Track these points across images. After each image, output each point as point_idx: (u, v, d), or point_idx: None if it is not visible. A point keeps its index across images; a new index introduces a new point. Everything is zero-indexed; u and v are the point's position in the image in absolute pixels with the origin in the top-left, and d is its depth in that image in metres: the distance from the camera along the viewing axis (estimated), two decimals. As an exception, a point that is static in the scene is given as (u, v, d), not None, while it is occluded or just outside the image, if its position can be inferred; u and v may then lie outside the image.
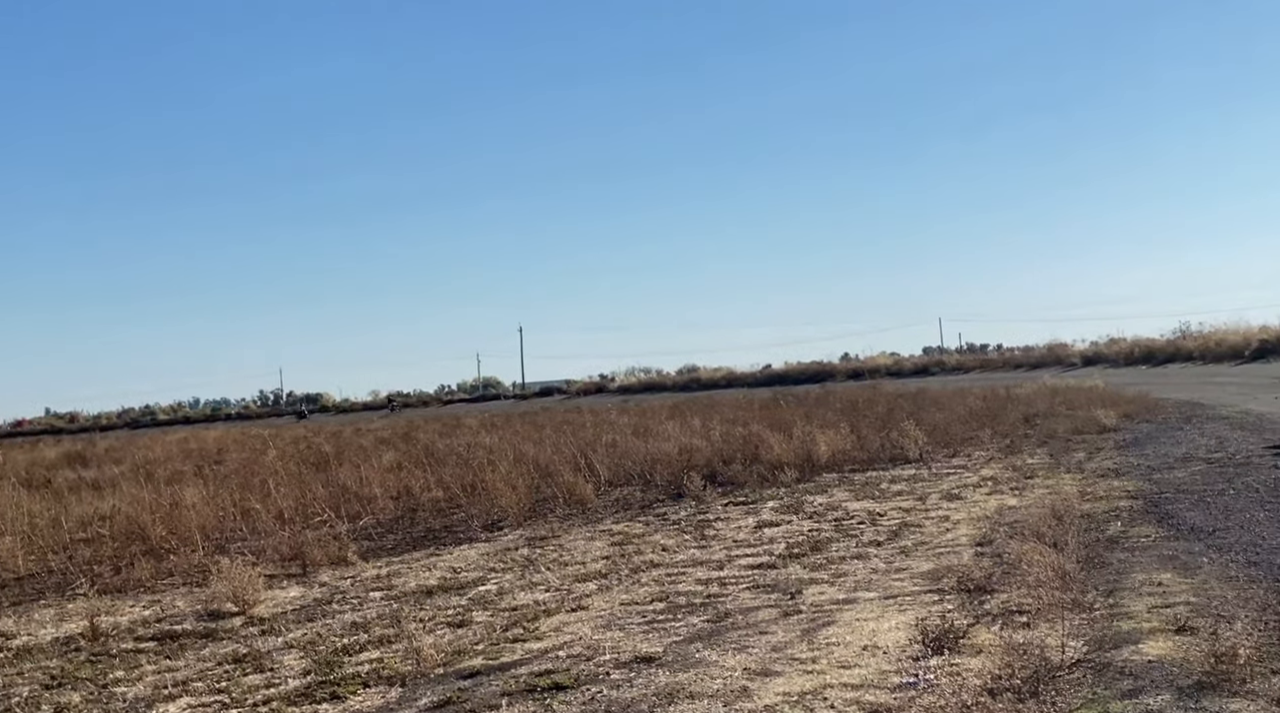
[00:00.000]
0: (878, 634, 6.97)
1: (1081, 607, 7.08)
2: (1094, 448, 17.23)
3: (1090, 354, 54.53)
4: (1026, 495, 12.54)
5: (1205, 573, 7.89)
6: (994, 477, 14.55)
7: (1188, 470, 13.68)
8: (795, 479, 15.57)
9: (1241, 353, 41.61)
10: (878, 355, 72.33)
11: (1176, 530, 9.72)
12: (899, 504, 12.83)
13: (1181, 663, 5.72)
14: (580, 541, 12.15)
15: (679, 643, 7.19)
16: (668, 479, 16.03)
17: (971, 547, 9.80)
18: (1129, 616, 6.83)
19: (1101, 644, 6.20)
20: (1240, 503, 10.91)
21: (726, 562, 10.15)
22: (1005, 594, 7.69)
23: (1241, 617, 6.40)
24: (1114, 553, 8.88)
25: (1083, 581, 7.78)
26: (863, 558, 9.74)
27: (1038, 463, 15.80)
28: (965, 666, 6.05)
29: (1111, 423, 20.49)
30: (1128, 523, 10.28)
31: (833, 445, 17.79)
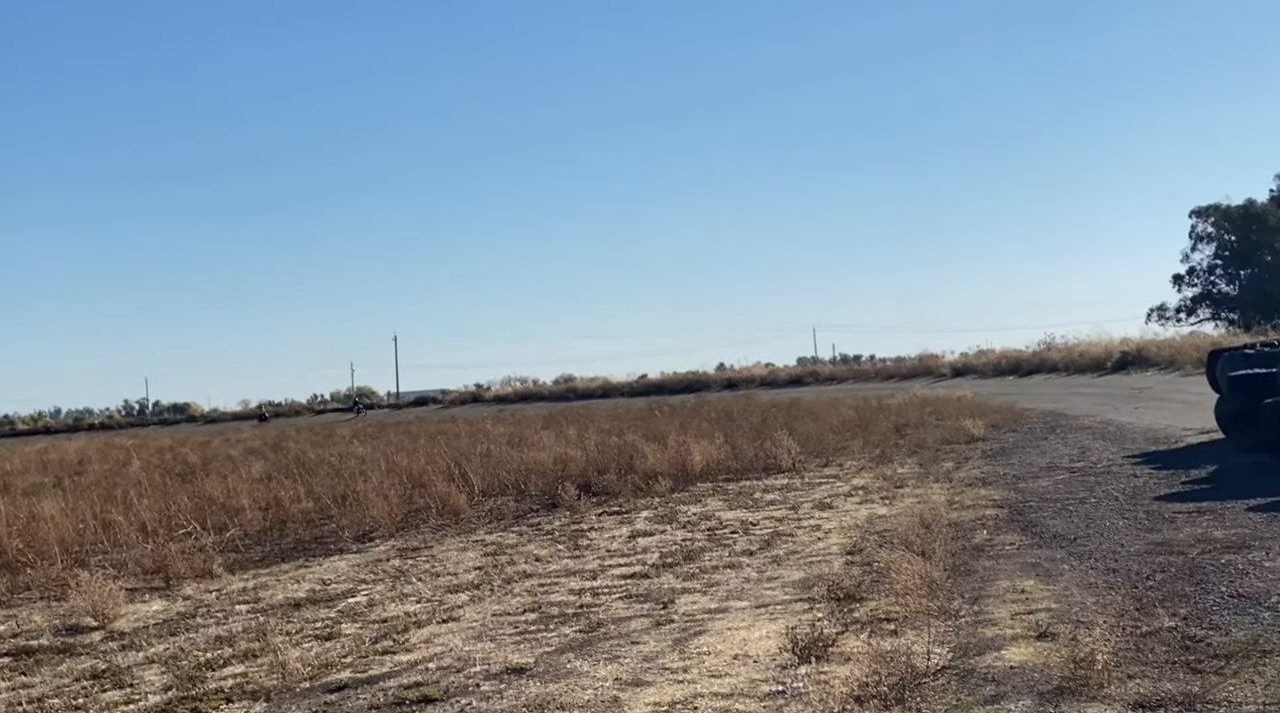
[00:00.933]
0: (749, 643, 7.01)
1: (948, 614, 7.19)
2: (962, 457, 17.54)
3: (960, 365, 55.39)
4: (896, 505, 12.70)
5: (1066, 580, 8.06)
6: (865, 486, 14.73)
7: (1051, 479, 13.97)
8: (670, 489, 15.63)
9: (1103, 364, 42.56)
10: (753, 366, 72.77)
11: (1040, 538, 9.92)
12: (772, 513, 12.93)
13: (1042, 669, 5.84)
14: (453, 551, 12.05)
15: (551, 653, 7.16)
16: (542, 489, 15.98)
17: (842, 556, 9.90)
18: (993, 622, 6.95)
19: (966, 651, 6.31)
20: (1100, 511, 11.17)
21: (600, 572, 10.15)
22: (874, 602, 7.78)
23: (1100, 623, 6.54)
24: (980, 561, 9.03)
25: (949, 588, 7.91)
26: (735, 567, 9.79)
27: (908, 472, 16.03)
28: (834, 673, 6.11)
29: (979, 433, 20.88)
30: (993, 531, 10.46)
31: (707, 455, 17.87)
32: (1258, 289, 64.93)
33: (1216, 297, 69.46)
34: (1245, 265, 68.10)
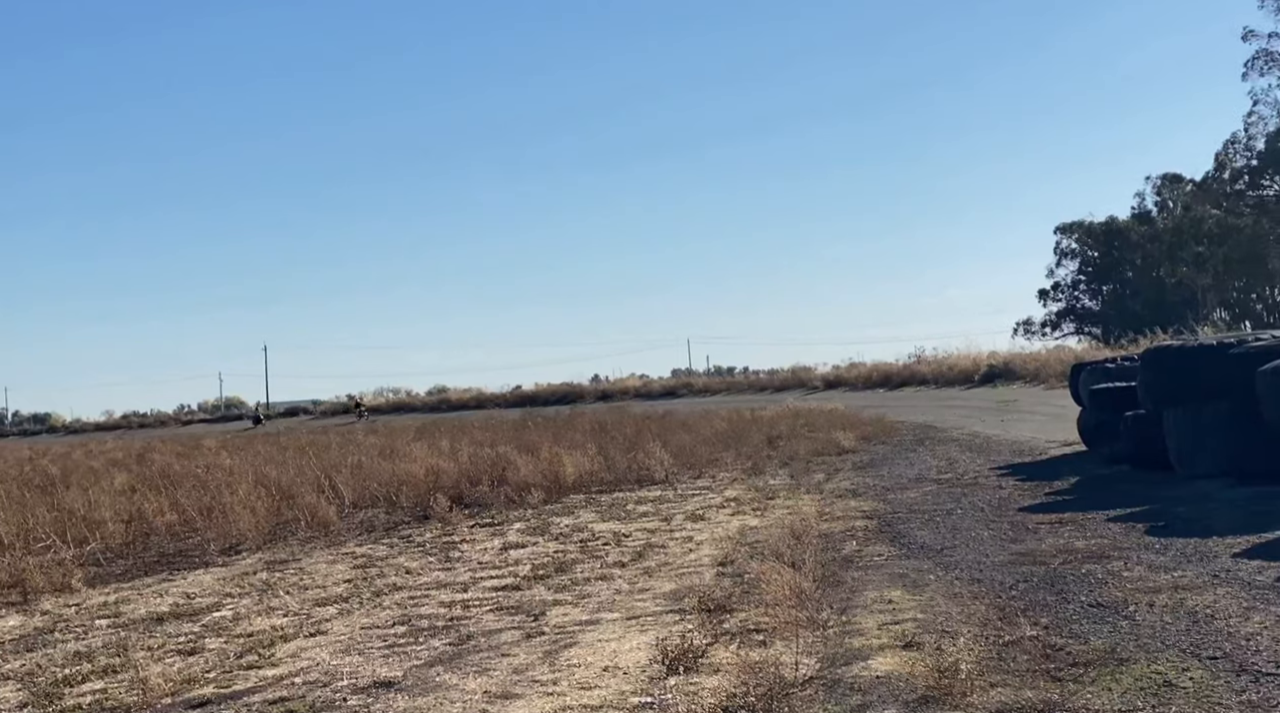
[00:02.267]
0: (619, 655, 6.99)
1: (816, 624, 7.23)
2: (833, 469, 17.73)
3: (832, 378, 56.08)
4: (768, 516, 12.78)
5: (933, 590, 8.17)
6: (737, 498, 14.81)
7: (920, 491, 14.18)
8: (542, 501, 15.57)
9: (971, 377, 43.42)
10: (627, 377, 73.05)
11: (908, 549, 10.04)
12: (644, 525, 12.94)
13: (907, 678, 5.89)
14: (322, 564, 11.87)
15: (420, 667, 7.08)
16: (414, 501, 15.82)
17: (713, 567, 9.93)
18: (860, 633, 7.01)
19: (834, 661, 6.35)
20: (967, 522, 11.35)
21: (471, 584, 10.06)
22: (744, 613, 7.81)
23: (964, 632, 6.63)
24: (849, 572, 9.11)
25: (818, 599, 7.96)
26: (607, 579, 9.77)
27: (779, 484, 16.16)
28: (702, 685, 6.11)
29: (850, 445, 21.15)
30: (863, 542, 10.57)
31: (580, 467, 17.85)
32: (1119, 304, 66.73)
33: (1080, 311, 71.22)
34: (1107, 281, 69.95)
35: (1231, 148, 57.13)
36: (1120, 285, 69.05)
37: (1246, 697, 5.19)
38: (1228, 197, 58.47)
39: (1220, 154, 59.32)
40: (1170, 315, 52.37)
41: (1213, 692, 5.29)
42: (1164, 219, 68.54)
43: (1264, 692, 5.23)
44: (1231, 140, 56.95)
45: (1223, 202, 59.41)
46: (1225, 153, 58.41)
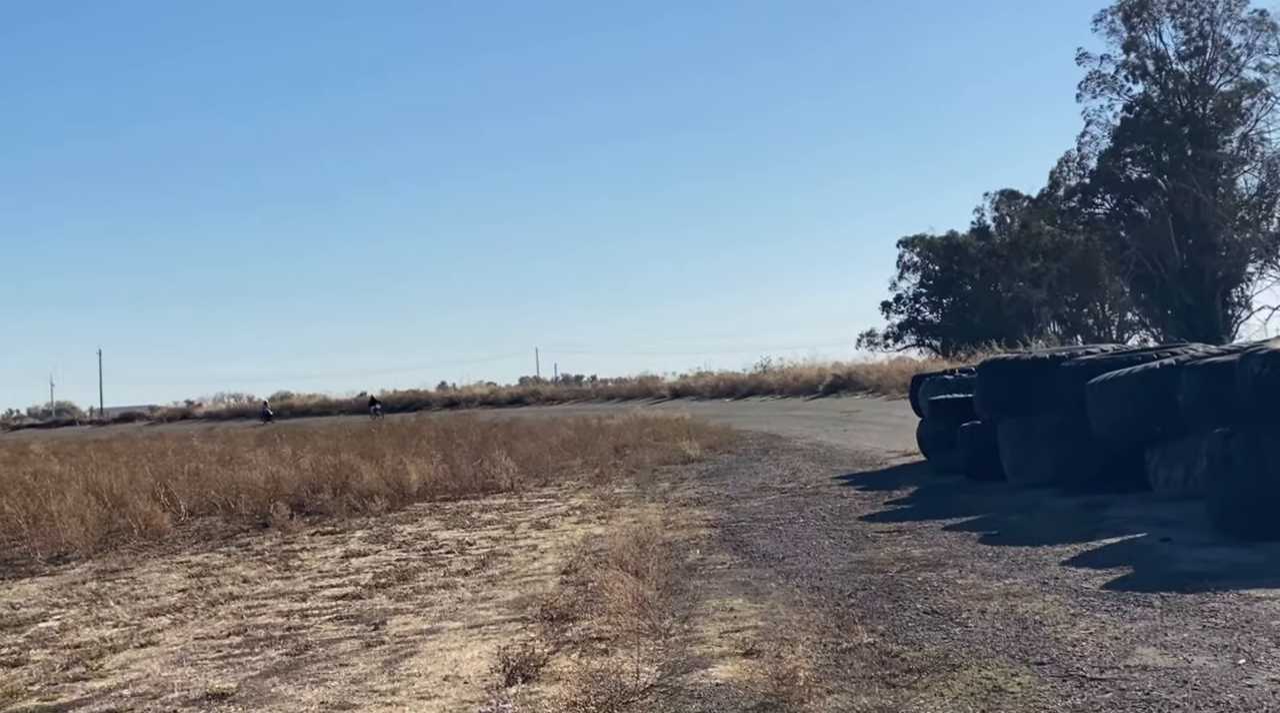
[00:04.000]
0: (460, 664, 6.93)
1: (659, 633, 7.26)
2: (678, 478, 17.83)
3: (679, 387, 56.38)
4: (613, 524, 12.80)
5: (773, 598, 8.25)
6: (583, 506, 14.81)
7: (763, 500, 14.33)
8: (386, 508, 15.40)
9: (816, 387, 44.00)
10: (475, 385, 72.48)
11: (750, 558, 10.14)
12: (489, 533, 12.86)
13: (747, 686, 5.95)
14: (155, 573, 11.57)
15: (255, 678, 6.94)
16: (253, 509, 15.49)
17: (557, 575, 9.91)
18: (702, 640, 7.05)
19: (675, 669, 6.37)
20: (808, 531, 11.50)
21: (310, 593, 9.89)
22: (587, 622, 7.80)
23: (803, 640, 6.71)
24: (692, 580, 9.16)
25: (661, 607, 7.99)
26: (450, 587, 9.69)
27: (625, 492, 16.20)
28: (543, 693, 6.09)
29: (696, 454, 21.30)
30: (706, 550, 10.64)
31: (425, 474, 17.68)
32: (958, 317, 68.29)
33: (921, 324, 72.71)
34: (948, 294, 71.50)
35: (1066, 166, 58.91)
36: (960, 298, 70.65)
37: (1071, 701, 5.33)
38: (1062, 214, 60.21)
39: (1055, 172, 61.15)
40: (1007, 329, 53.76)
41: (1039, 697, 5.43)
42: (1002, 235, 70.36)
43: (1088, 696, 5.38)
44: (1066, 159, 58.76)
45: (1057, 218, 61.16)
46: (1060, 171, 60.21)
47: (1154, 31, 50.57)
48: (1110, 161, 52.47)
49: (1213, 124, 49.30)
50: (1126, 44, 50.91)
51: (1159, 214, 48.68)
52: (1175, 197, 47.64)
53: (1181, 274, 47.75)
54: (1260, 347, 9.97)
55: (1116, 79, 51.70)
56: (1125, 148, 51.57)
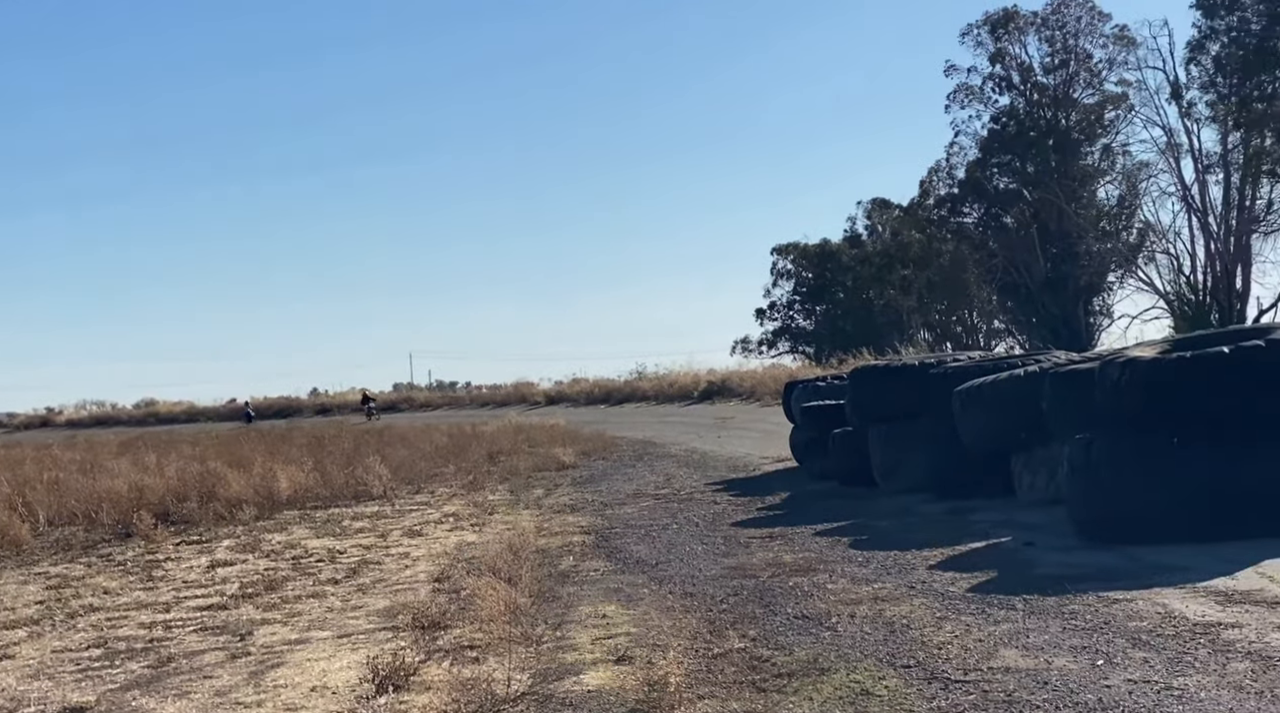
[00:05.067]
0: (328, 674, 6.84)
1: (531, 640, 7.23)
2: (553, 484, 17.81)
3: (554, 393, 56.27)
4: (486, 531, 12.74)
5: (646, 604, 8.27)
6: (456, 513, 14.72)
7: (637, 506, 14.36)
8: (254, 517, 15.15)
9: (691, 394, 44.23)
10: (348, 391, 71.66)
11: (624, 564, 10.15)
12: (360, 541, 12.73)
13: (618, 692, 5.95)
14: (11, 585, 11.26)
15: (115, 691, 6.78)
16: (116, 518, 15.13)
17: (429, 583, 9.83)
18: (574, 647, 7.04)
19: (546, 676, 6.35)
20: (682, 537, 11.55)
21: (174, 604, 9.70)
22: (459, 630, 7.75)
23: (675, 645, 6.73)
24: (565, 587, 9.14)
25: (534, 614, 7.97)
26: (319, 597, 9.56)
27: (499, 499, 16.14)
28: (413, 703, 6.03)
29: (570, 460, 21.29)
30: (579, 557, 10.63)
31: (295, 482, 17.44)
32: (831, 324, 69.16)
33: (795, 330, 73.51)
34: (820, 301, 72.37)
35: (935, 176, 59.95)
36: (832, 306, 71.53)
37: (936, 703, 5.41)
38: (932, 222, 61.25)
39: (925, 181, 62.18)
40: (879, 336, 54.55)
41: (905, 699, 5.50)
42: (873, 243, 71.42)
43: (952, 698, 5.47)
44: (935, 168, 59.78)
45: (927, 227, 62.22)
46: (930, 180, 61.24)
47: (1019, 44, 51.75)
48: (978, 172, 53.53)
49: (1076, 136, 50.53)
50: (993, 56, 52.02)
51: (1024, 224, 49.76)
52: (1040, 207, 48.75)
53: (1046, 283, 48.87)
54: (1119, 354, 10.24)
55: (983, 90, 52.83)
56: (992, 158, 52.65)
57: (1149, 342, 12.23)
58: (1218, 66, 36.30)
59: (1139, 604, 7.05)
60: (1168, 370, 9.27)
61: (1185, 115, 42.12)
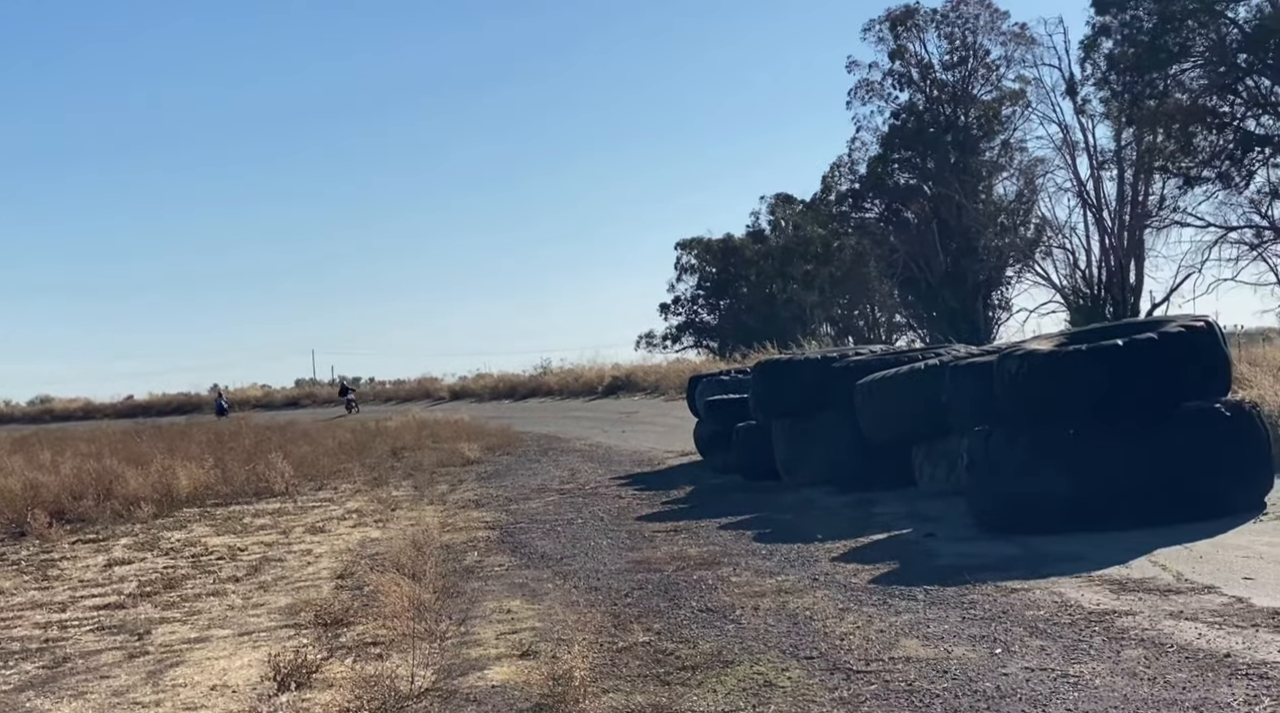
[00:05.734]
0: (228, 673, 6.76)
1: (435, 636, 7.20)
2: (457, 480, 17.73)
3: (458, 388, 55.96)
4: (390, 528, 12.65)
5: (551, 599, 8.26)
6: (359, 509, 14.60)
7: (542, 501, 14.35)
8: (153, 515, 14.91)
9: (596, 389, 44.21)
10: (249, 387, 70.72)
11: (528, 559, 10.13)
12: (261, 539, 12.58)
13: (523, 687, 5.94)
14: (-98, 586, 10.98)
15: (8, 693, 6.64)
16: (10, 518, 14.81)
17: (332, 580, 9.75)
18: (478, 643, 7.02)
19: (450, 672, 6.33)
20: (587, 531, 11.55)
21: (70, 603, 9.52)
22: (362, 627, 7.69)
23: (580, 640, 6.74)
24: (469, 582, 9.11)
25: (438, 610, 7.93)
26: (219, 595, 9.44)
27: (403, 495, 16.03)
28: (315, 700, 5.98)
29: (475, 456, 21.20)
30: (484, 553, 10.60)
31: (195, 479, 17.19)
32: (735, 319, 69.49)
33: (699, 325, 73.73)
34: (724, 296, 72.69)
35: (838, 171, 60.42)
36: (736, 300, 71.85)
37: (839, 694, 5.47)
38: (834, 218, 61.77)
39: (828, 176, 62.67)
40: (782, 330, 54.87)
41: (808, 690, 5.56)
42: (776, 238, 71.87)
43: (854, 688, 5.53)
44: (838, 164, 60.22)
45: (829, 222, 62.73)
46: (832, 175, 61.72)
47: (919, 41, 52.32)
48: (879, 167, 54.08)
49: (975, 132, 51.23)
50: (893, 53, 52.56)
51: (925, 219, 50.36)
52: (940, 202, 49.35)
53: (946, 277, 49.51)
54: (1017, 347, 10.41)
55: (884, 87, 53.36)
56: (893, 154, 53.21)
57: (1046, 335, 12.43)
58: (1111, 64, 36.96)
59: (1036, 593, 7.18)
60: (1064, 363, 9.45)
61: (1080, 112, 42.90)
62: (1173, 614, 6.46)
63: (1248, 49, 31.99)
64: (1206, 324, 9.76)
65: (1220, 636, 5.96)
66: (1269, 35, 31.20)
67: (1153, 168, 37.50)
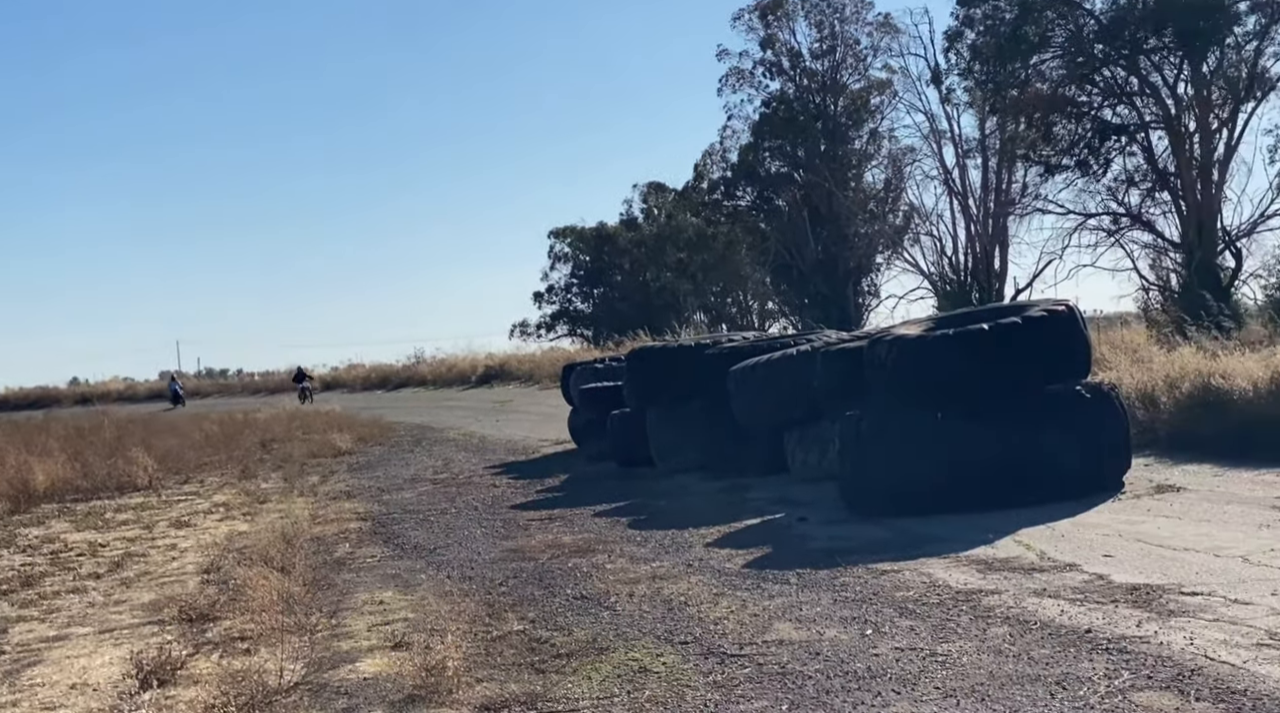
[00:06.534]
0: (89, 672, 6.56)
1: (305, 629, 7.06)
2: (328, 471, 17.50)
3: (330, 379, 55.37)
4: (259, 521, 12.42)
5: (424, 589, 8.17)
6: (227, 503, 14.32)
7: (415, 491, 14.20)
8: (9, 511, 14.48)
9: (470, 378, 44.00)
10: (110, 380, 69.15)
11: (401, 550, 10.02)
12: (124, 534, 12.27)
13: (395, 679, 5.85)
14: None
15: None
16: None
17: (198, 575, 9.53)
18: (350, 635, 6.91)
19: (321, 666, 6.22)
20: (460, 521, 11.46)
21: (-78, 604, 9.19)
22: (229, 622, 7.52)
23: (453, 629, 6.65)
24: (341, 574, 8.98)
25: (308, 603, 7.79)
26: (80, 592, 9.17)
27: (272, 488, 15.77)
28: (180, 698, 5.82)
29: (347, 447, 20.96)
30: (356, 544, 10.46)
31: (53, 475, 16.71)
32: (609, 307, 69.46)
33: (573, 313, 73.59)
34: (598, 284, 72.62)
35: (709, 159, 60.58)
36: (610, 289, 71.81)
37: (713, 678, 5.47)
38: (706, 206, 61.96)
39: (700, 165, 62.82)
40: (656, 318, 55.02)
41: (683, 675, 5.55)
42: (649, 226, 71.95)
43: (728, 672, 5.53)
44: (709, 152, 60.32)
45: (702, 210, 62.93)
46: (704, 164, 61.86)
47: (789, 30, 52.66)
48: (750, 155, 54.31)
49: (844, 121, 51.76)
50: (763, 41, 52.79)
51: (796, 207, 50.72)
52: (810, 190, 49.76)
53: (817, 265, 49.98)
54: (887, 333, 10.53)
55: (755, 75, 53.57)
56: (764, 142, 53.44)
57: (914, 320, 12.61)
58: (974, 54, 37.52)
59: (906, 575, 7.27)
60: (932, 348, 9.58)
61: (945, 101, 43.50)
62: (1036, 592, 6.57)
63: (1103, 40, 32.73)
64: (1068, 308, 9.96)
65: (1082, 612, 6.08)
66: (1123, 27, 31.95)
67: (1015, 156, 38.19)
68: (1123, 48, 32.25)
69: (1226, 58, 31.58)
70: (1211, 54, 31.40)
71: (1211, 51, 31.32)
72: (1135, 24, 31.85)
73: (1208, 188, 31.37)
